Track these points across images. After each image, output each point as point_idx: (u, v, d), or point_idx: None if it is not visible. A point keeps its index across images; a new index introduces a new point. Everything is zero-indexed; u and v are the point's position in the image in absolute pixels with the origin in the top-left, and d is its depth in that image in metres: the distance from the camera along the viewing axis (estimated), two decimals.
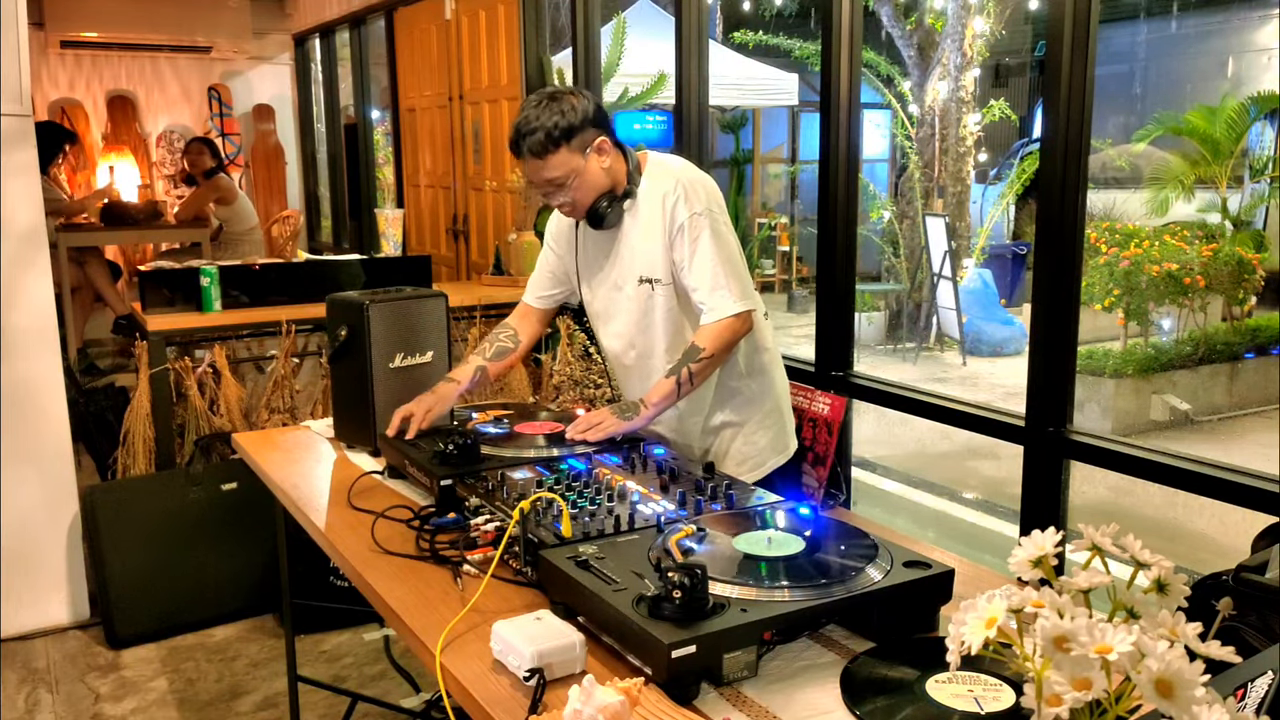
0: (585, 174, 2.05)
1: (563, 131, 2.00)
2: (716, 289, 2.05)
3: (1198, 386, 6.66)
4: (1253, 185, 9.31)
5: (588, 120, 2.04)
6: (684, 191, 2.07)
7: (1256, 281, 7.17)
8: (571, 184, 2.05)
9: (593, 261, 2.25)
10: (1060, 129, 2.41)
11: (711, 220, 2.07)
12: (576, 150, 2.03)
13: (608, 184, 2.10)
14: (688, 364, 2.04)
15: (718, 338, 2.05)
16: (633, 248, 2.15)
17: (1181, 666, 0.76)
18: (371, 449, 2.19)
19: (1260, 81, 10.42)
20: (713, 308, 2.05)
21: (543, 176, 2.04)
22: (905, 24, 8.81)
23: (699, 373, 2.05)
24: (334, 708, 2.90)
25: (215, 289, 3.60)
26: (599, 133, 2.06)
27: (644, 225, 2.12)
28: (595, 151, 2.05)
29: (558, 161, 2.01)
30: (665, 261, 2.11)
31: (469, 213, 5.37)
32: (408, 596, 1.51)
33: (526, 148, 2.02)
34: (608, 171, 2.09)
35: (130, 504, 3.32)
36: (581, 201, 2.09)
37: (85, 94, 8.73)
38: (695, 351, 2.05)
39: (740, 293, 2.07)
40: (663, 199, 2.08)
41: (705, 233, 2.06)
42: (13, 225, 3.27)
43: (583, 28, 4.32)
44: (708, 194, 2.11)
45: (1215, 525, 4.51)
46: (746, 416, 2.25)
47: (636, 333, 2.20)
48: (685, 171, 2.14)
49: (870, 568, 1.36)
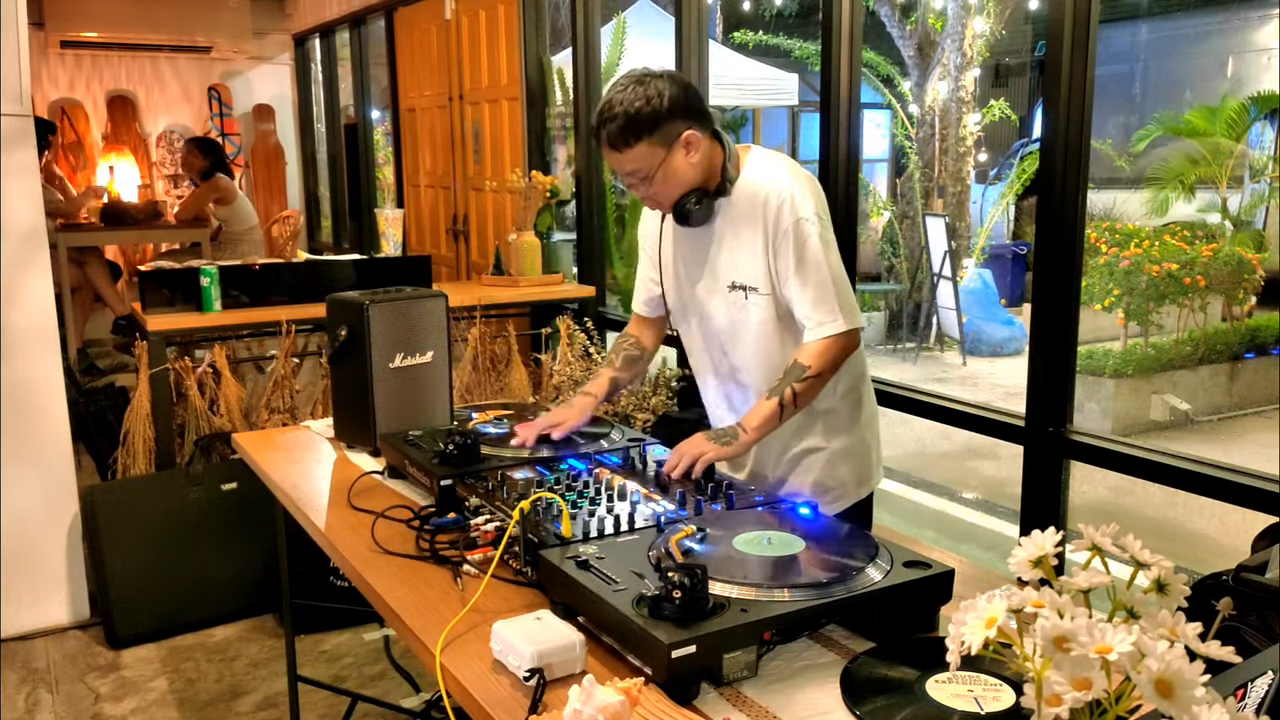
0: (669, 169, 1.87)
1: (645, 123, 1.81)
2: (823, 303, 1.88)
3: (1198, 386, 6.66)
4: (1253, 185, 9.31)
5: (676, 111, 1.84)
6: (791, 194, 1.89)
7: (1256, 281, 7.17)
8: (654, 177, 1.87)
9: (678, 261, 2.07)
10: (1060, 129, 2.42)
11: (820, 227, 1.89)
12: (660, 144, 1.84)
13: (697, 179, 1.91)
14: (791, 384, 1.86)
15: (824, 356, 1.87)
16: (725, 250, 1.97)
17: (1181, 666, 0.76)
18: (371, 449, 2.19)
19: (1260, 81, 10.42)
20: (818, 323, 1.88)
21: (623, 168, 1.88)
22: (905, 24, 8.81)
23: (803, 394, 1.88)
24: (334, 708, 2.90)
25: (215, 289, 3.60)
26: (688, 125, 1.86)
27: (740, 226, 1.94)
28: (682, 146, 1.86)
29: (637, 155, 1.84)
30: (763, 269, 1.92)
31: (469, 213, 5.37)
32: (408, 596, 1.51)
33: (605, 136, 1.84)
34: (696, 167, 1.89)
35: (130, 504, 3.32)
36: (666, 196, 1.92)
37: (85, 94, 8.73)
38: (800, 370, 1.87)
39: (848, 308, 1.90)
40: (765, 200, 1.90)
41: (813, 240, 1.88)
42: (13, 225, 3.27)
43: (583, 28, 4.32)
44: (816, 198, 1.93)
45: (1215, 525, 4.51)
46: (832, 444, 2.06)
47: (725, 345, 2.03)
48: (792, 171, 1.94)
49: (870, 568, 1.36)
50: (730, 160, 1.94)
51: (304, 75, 8.36)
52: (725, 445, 1.84)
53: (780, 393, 1.87)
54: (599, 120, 1.85)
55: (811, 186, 1.93)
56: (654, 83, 1.83)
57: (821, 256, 1.88)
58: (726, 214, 1.96)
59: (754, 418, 1.88)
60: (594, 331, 3.93)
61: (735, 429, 1.88)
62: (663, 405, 3.65)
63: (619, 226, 5.10)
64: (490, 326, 4.04)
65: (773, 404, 1.87)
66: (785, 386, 1.87)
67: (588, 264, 4.50)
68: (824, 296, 1.88)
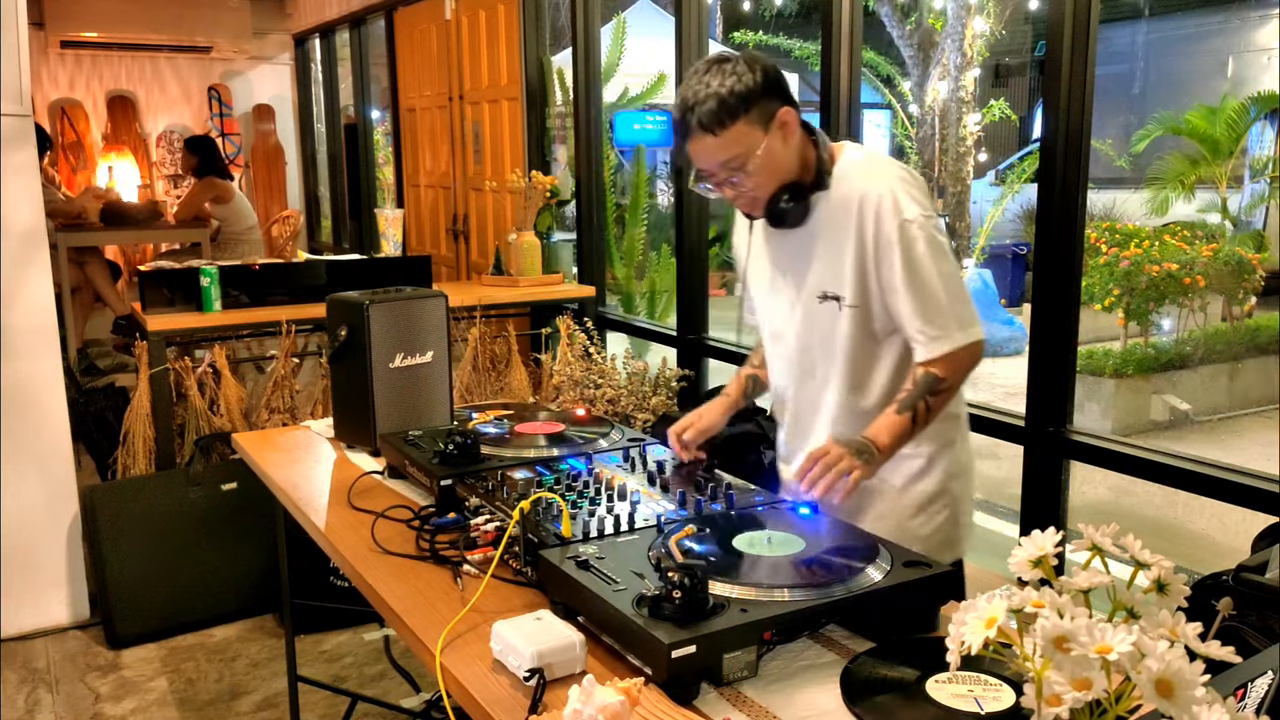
0: (768, 154, 1.69)
1: (741, 98, 1.65)
2: (942, 313, 1.68)
3: (1198, 386, 6.66)
4: (1253, 185, 9.31)
5: (768, 88, 1.67)
6: (893, 194, 1.69)
7: (1256, 281, 7.18)
8: (751, 166, 1.69)
9: (765, 266, 1.90)
10: (1060, 129, 2.42)
11: (929, 229, 1.69)
12: (757, 123, 1.67)
13: (793, 170, 1.73)
14: (925, 396, 1.67)
15: (955, 364, 1.69)
16: (816, 255, 1.78)
17: (1181, 666, 0.76)
18: (371, 449, 2.19)
19: (1260, 81, 10.43)
20: (936, 336, 1.68)
21: (716, 158, 1.69)
22: (905, 24, 8.82)
23: (935, 408, 1.69)
24: (334, 708, 2.90)
25: (215, 289, 3.60)
26: (783, 104, 1.69)
27: (832, 229, 1.75)
28: (779, 126, 1.69)
29: (735, 136, 1.66)
30: (855, 278, 1.73)
31: (469, 213, 5.37)
32: (408, 596, 1.51)
33: (697, 120, 1.66)
34: (794, 152, 1.73)
35: (130, 504, 3.32)
36: (762, 188, 1.73)
37: (85, 94, 8.74)
38: (934, 382, 1.68)
39: (965, 319, 1.70)
40: (860, 200, 1.71)
41: (922, 244, 1.67)
42: (13, 225, 3.27)
43: (583, 28, 4.32)
44: (922, 196, 1.72)
45: (1215, 525, 4.51)
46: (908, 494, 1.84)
47: (815, 358, 1.84)
48: (893, 169, 1.75)
49: (870, 568, 1.36)
50: (824, 149, 1.77)
51: (304, 75, 8.36)
52: (866, 463, 1.63)
53: (913, 406, 1.68)
54: (684, 108, 1.68)
55: (917, 184, 1.74)
56: (739, 62, 1.68)
57: (931, 261, 1.68)
58: (820, 213, 1.77)
59: (883, 432, 1.67)
60: (594, 331, 3.94)
61: (867, 443, 1.66)
62: (663, 405, 3.65)
63: (619, 226, 5.10)
64: (490, 326, 4.04)
65: (903, 420, 1.68)
66: (918, 399, 1.67)
67: (588, 264, 4.50)
68: (940, 306, 1.68)
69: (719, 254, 11.01)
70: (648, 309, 5.37)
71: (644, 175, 5.61)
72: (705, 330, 3.94)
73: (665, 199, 9.95)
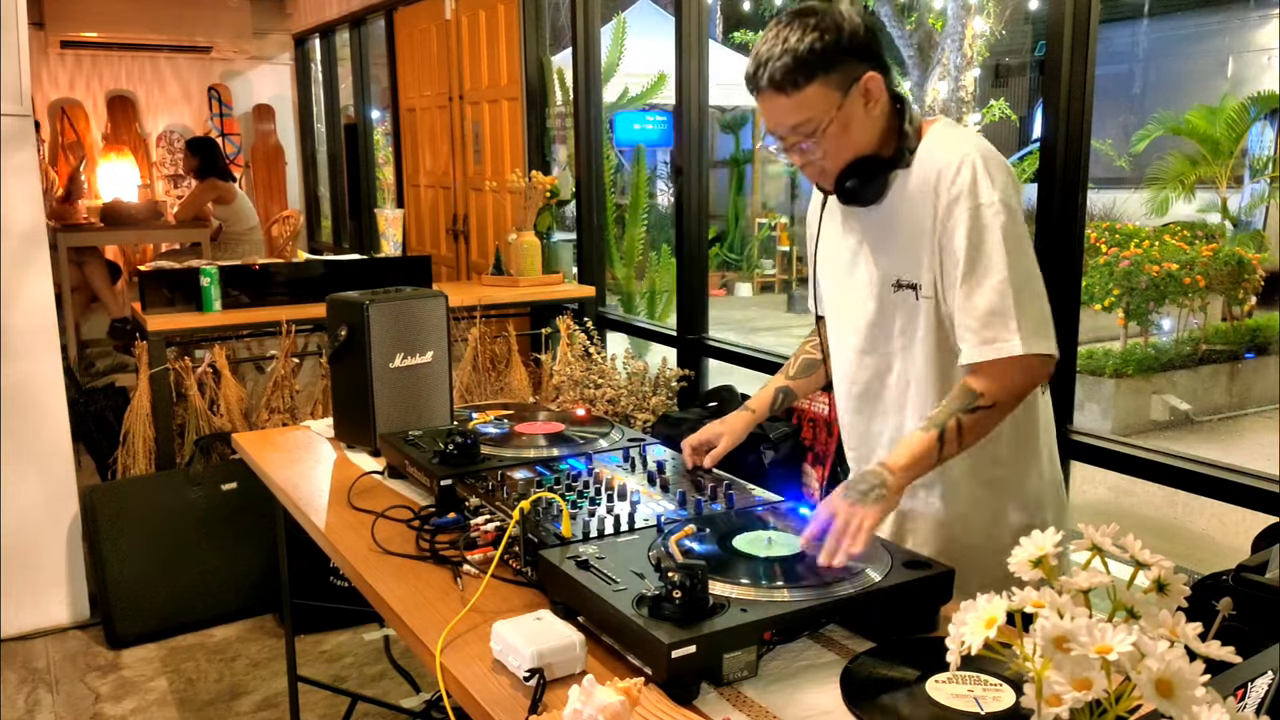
0: (845, 120, 1.51)
1: (819, 57, 1.46)
2: (997, 315, 1.45)
3: (1198, 386, 6.66)
4: (1253, 185, 9.32)
5: (856, 47, 1.49)
6: (973, 171, 1.48)
7: (1256, 281, 7.18)
8: (824, 133, 1.51)
9: (835, 247, 1.70)
10: (1060, 129, 2.42)
11: (1007, 216, 1.47)
12: (836, 86, 1.49)
13: (872, 142, 1.55)
14: (957, 414, 1.46)
15: (1002, 381, 1.46)
16: (891, 237, 1.59)
17: (1181, 666, 0.76)
18: (371, 449, 2.19)
19: (1260, 81, 10.43)
20: (985, 341, 1.46)
21: (786, 120, 1.52)
22: (905, 24, 8.82)
23: (971, 429, 1.46)
24: (334, 708, 2.90)
25: (215, 289, 3.60)
26: (870, 67, 1.51)
27: (911, 209, 1.56)
28: (861, 92, 1.51)
29: (808, 98, 1.48)
30: (930, 264, 1.54)
31: (469, 213, 5.37)
32: (408, 596, 1.51)
33: (768, 77, 1.49)
34: (876, 123, 1.54)
35: (130, 504, 3.32)
36: (835, 159, 1.55)
37: (85, 94, 8.74)
38: (970, 397, 1.46)
39: (1033, 325, 1.46)
40: (938, 177, 1.51)
41: (994, 231, 1.47)
42: (13, 225, 3.27)
43: (583, 28, 4.32)
44: (1007, 180, 1.51)
45: (1215, 525, 4.51)
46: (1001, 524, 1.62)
47: (889, 353, 1.64)
48: (980, 146, 1.53)
49: (870, 568, 1.36)
50: (911, 124, 1.58)
51: (304, 75, 8.37)
52: (876, 502, 1.42)
53: (942, 424, 1.46)
54: (757, 64, 1.51)
55: (1003, 167, 1.52)
56: (827, 15, 1.48)
57: (1002, 255, 1.46)
58: (898, 192, 1.57)
59: (902, 454, 1.47)
60: (594, 331, 3.94)
61: (878, 474, 1.45)
62: (663, 405, 3.65)
63: (619, 226, 5.10)
64: (490, 326, 4.04)
65: (929, 437, 1.46)
66: (949, 416, 1.46)
67: (588, 264, 4.50)
68: (1000, 306, 1.45)
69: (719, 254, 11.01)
70: (648, 309, 5.38)
71: (644, 175, 5.62)
72: (705, 330, 3.94)
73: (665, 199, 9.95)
